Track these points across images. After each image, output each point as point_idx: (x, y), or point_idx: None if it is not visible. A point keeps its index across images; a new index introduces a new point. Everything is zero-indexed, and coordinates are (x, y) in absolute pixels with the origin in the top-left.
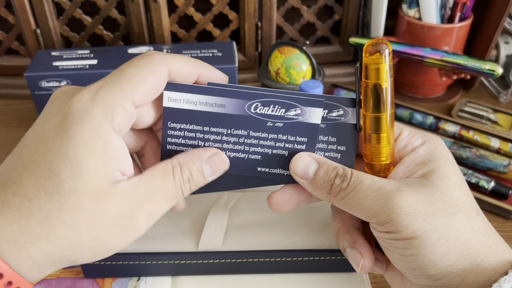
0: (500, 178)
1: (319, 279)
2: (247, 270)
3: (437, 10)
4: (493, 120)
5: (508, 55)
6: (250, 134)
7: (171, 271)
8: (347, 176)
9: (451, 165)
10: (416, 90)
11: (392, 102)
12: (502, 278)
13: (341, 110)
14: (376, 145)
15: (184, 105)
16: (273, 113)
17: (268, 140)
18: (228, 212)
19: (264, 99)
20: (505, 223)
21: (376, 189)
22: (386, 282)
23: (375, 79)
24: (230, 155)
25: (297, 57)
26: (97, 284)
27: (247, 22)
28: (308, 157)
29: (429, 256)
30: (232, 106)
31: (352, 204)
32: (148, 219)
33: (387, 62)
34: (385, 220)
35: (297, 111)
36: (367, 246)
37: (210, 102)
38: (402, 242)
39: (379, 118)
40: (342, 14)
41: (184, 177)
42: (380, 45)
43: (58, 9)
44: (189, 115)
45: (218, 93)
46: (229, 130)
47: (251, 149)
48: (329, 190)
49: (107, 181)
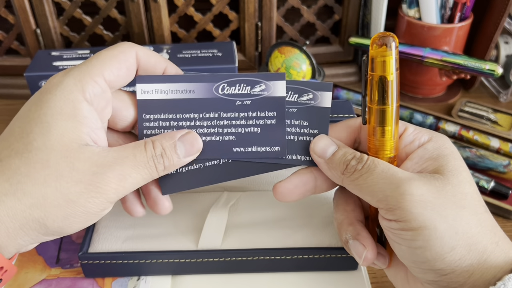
0: (500, 178)
1: (320, 277)
2: (247, 268)
3: (437, 10)
4: (493, 120)
5: (508, 55)
6: (221, 116)
7: (171, 270)
8: (363, 159)
9: (460, 161)
10: (416, 90)
11: (397, 96)
12: (506, 276)
13: (310, 94)
14: (380, 138)
15: (156, 95)
16: (239, 92)
17: (239, 120)
18: (228, 211)
19: (229, 79)
20: (505, 223)
21: (390, 174)
22: (387, 282)
23: (381, 71)
24: (205, 139)
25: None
26: (97, 284)
27: (247, 22)
28: (329, 140)
29: (437, 249)
30: (201, 90)
31: (364, 186)
32: (118, 182)
33: (393, 55)
34: (394, 205)
35: (262, 86)
36: (370, 239)
37: (180, 89)
38: (411, 233)
39: (384, 111)
40: (342, 14)
41: (156, 151)
42: (387, 38)
43: (58, 9)
44: (161, 104)
45: (186, 79)
46: (201, 114)
47: (224, 131)
48: (344, 170)
49: (76, 141)
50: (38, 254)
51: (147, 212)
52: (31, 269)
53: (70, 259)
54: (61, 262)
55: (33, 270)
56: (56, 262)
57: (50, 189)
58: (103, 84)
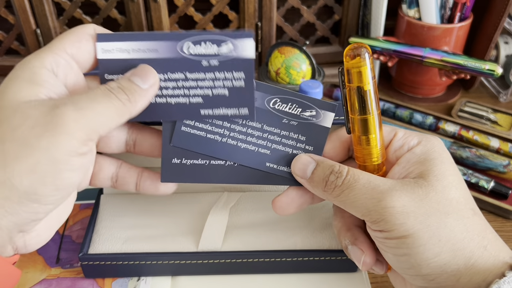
0: (500, 178)
1: (319, 279)
2: (247, 270)
3: (437, 10)
4: (493, 120)
5: (508, 55)
6: (187, 77)
7: (171, 271)
8: (342, 173)
9: (448, 165)
10: (416, 90)
11: (377, 103)
12: (501, 279)
13: (314, 111)
14: (366, 146)
15: (117, 54)
16: (205, 52)
17: (206, 81)
18: (228, 212)
19: (194, 37)
20: (505, 223)
21: (371, 188)
22: (386, 282)
23: (357, 82)
24: (172, 101)
25: (297, 57)
26: (97, 284)
27: (247, 22)
28: (307, 157)
29: (421, 255)
30: (164, 49)
31: (347, 202)
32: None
33: (368, 65)
34: (378, 218)
35: (229, 45)
36: (368, 243)
37: (142, 48)
38: (394, 241)
39: (366, 120)
40: (342, 14)
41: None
42: (359, 49)
43: (58, 9)
44: (123, 64)
45: (148, 37)
46: (165, 75)
47: (191, 92)
48: (324, 187)
49: (31, 97)
50: (38, 254)
51: (147, 213)
52: (31, 269)
53: (70, 259)
54: (61, 262)
55: (33, 270)
56: (56, 262)
57: (8, 143)
58: (66, 56)
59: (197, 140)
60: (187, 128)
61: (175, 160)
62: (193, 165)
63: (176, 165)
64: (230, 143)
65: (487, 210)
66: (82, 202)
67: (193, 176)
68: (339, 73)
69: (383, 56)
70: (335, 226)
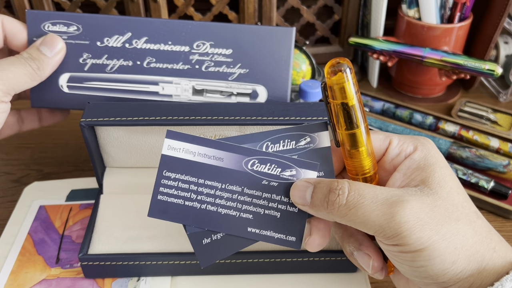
0: (500, 178)
1: (319, 279)
2: (247, 270)
3: (437, 10)
4: (492, 120)
5: (508, 55)
6: (244, 191)
7: (170, 271)
8: (344, 190)
9: (446, 169)
10: (416, 90)
11: (363, 116)
12: (504, 277)
13: (307, 137)
14: (357, 159)
15: (183, 154)
16: (269, 172)
17: (261, 199)
18: None
19: (262, 157)
20: (505, 223)
21: (380, 203)
22: (386, 283)
23: (341, 98)
24: (222, 211)
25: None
26: (97, 284)
27: (247, 22)
28: (303, 182)
29: (438, 266)
30: (230, 160)
31: (357, 221)
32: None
33: (350, 80)
34: (393, 234)
35: (292, 172)
36: (373, 247)
37: (209, 154)
38: (411, 254)
39: (354, 135)
40: (342, 14)
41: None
42: (340, 65)
43: (58, 9)
44: (186, 165)
45: (218, 146)
46: (224, 185)
47: (243, 207)
48: (327, 208)
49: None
50: (38, 254)
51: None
52: (31, 269)
53: (70, 259)
54: (61, 262)
55: (33, 270)
56: (56, 262)
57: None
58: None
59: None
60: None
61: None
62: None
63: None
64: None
65: (487, 210)
66: (82, 202)
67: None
68: (322, 89)
69: (383, 56)
70: (336, 233)
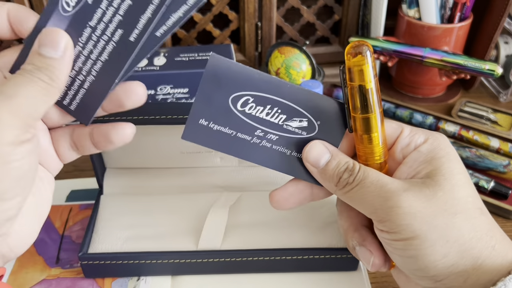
0: (500, 178)
1: (319, 278)
2: (247, 269)
3: (437, 10)
4: (493, 120)
5: (508, 55)
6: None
7: (171, 270)
8: (354, 170)
9: (456, 163)
10: (416, 90)
11: (379, 102)
12: (507, 276)
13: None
14: (368, 145)
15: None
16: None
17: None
18: (228, 211)
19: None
20: (505, 223)
21: (379, 186)
22: (386, 282)
23: (359, 81)
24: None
25: (297, 57)
26: (97, 284)
27: (247, 22)
28: (322, 147)
29: (429, 257)
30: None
31: (355, 198)
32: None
33: (369, 63)
34: (384, 217)
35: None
36: (376, 244)
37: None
38: (401, 242)
39: (368, 119)
40: (342, 14)
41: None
42: (361, 47)
43: None
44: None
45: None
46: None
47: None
48: (337, 183)
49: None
50: (38, 254)
51: (147, 213)
52: (31, 269)
53: (70, 259)
54: (61, 262)
55: (33, 270)
56: (56, 262)
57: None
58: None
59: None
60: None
61: (202, 121)
62: (219, 132)
63: (201, 126)
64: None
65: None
66: (82, 202)
67: (215, 143)
68: (340, 71)
69: (383, 56)
70: (341, 226)
